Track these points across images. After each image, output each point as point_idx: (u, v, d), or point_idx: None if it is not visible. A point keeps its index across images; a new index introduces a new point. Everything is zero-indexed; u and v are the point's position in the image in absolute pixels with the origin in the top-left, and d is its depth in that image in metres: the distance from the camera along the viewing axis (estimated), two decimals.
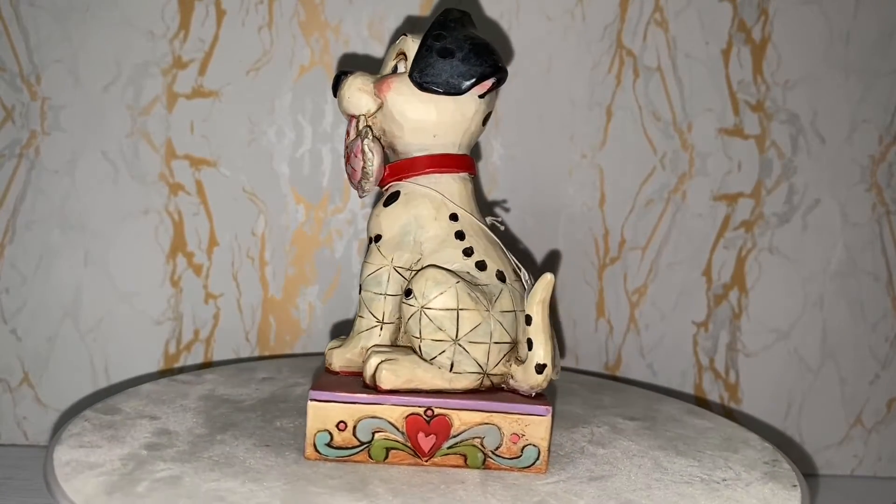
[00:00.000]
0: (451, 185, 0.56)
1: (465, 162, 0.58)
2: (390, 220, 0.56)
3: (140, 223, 0.83)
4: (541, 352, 0.52)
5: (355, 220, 0.85)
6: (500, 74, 0.55)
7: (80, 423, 0.56)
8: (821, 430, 0.90)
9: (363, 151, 0.56)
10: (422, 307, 0.52)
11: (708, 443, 0.61)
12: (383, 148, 0.58)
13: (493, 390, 0.54)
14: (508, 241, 0.85)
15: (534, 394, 0.53)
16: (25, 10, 0.79)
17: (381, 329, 0.56)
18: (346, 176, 0.84)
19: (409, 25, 0.82)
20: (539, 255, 0.86)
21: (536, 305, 0.52)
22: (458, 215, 0.56)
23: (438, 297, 0.52)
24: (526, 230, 0.86)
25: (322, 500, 0.46)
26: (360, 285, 0.57)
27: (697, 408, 0.70)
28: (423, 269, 0.54)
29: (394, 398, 0.52)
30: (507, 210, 0.60)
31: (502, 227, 0.59)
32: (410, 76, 0.55)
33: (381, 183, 0.58)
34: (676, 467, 0.55)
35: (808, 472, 0.90)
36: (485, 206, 0.83)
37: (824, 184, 0.87)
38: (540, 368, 0.52)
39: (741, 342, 0.89)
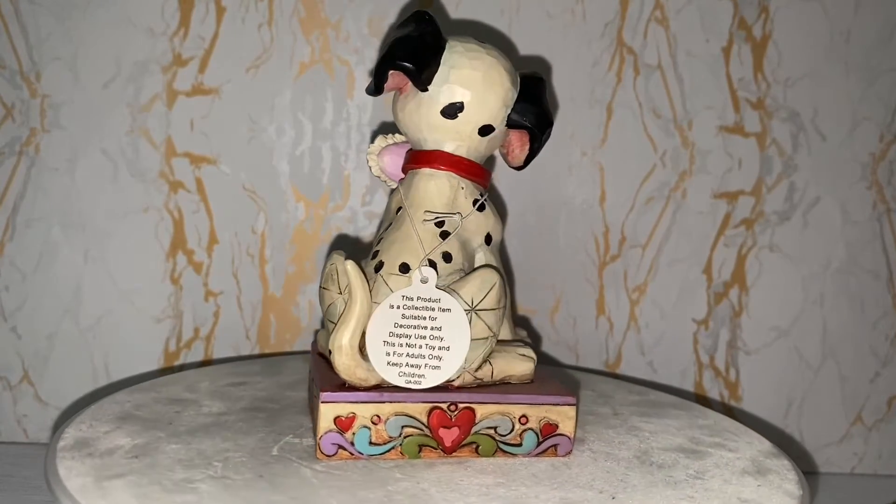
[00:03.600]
0: (407, 181, 0.59)
1: (424, 157, 0.58)
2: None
3: (140, 221, 0.83)
4: (333, 335, 0.52)
5: (355, 217, 0.85)
6: (389, 68, 0.54)
7: (80, 420, 0.56)
8: (821, 428, 0.90)
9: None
10: None
11: (706, 441, 0.61)
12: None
13: None
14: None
15: (345, 384, 0.52)
16: (25, 7, 0.79)
17: None
18: (347, 173, 0.85)
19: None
20: (539, 253, 0.86)
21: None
22: (402, 209, 0.57)
23: (321, 276, 0.57)
24: (526, 228, 0.86)
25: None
26: None
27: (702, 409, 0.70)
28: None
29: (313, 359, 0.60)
30: (438, 221, 0.57)
31: (431, 222, 0.56)
32: None
33: None
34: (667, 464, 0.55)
35: (808, 469, 0.90)
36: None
37: (825, 181, 0.87)
38: (329, 352, 0.52)
39: (741, 340, 0.89)
